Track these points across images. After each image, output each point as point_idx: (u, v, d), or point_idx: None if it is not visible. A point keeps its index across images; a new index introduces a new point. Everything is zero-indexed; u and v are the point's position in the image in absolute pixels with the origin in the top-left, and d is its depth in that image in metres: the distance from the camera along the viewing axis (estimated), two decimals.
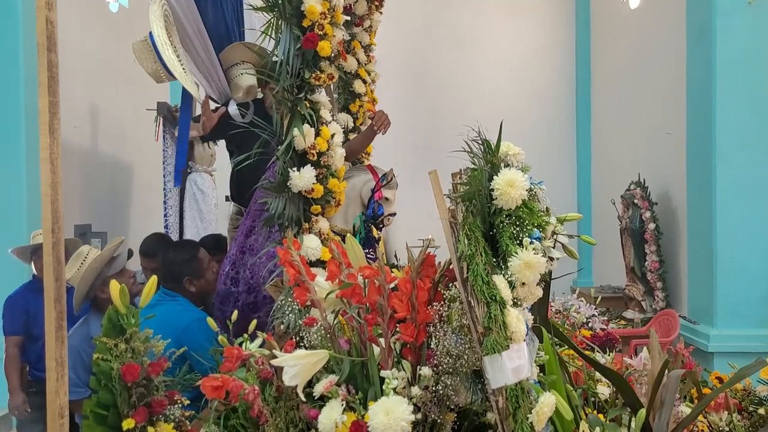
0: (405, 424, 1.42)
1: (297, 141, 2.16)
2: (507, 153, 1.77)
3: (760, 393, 4.31)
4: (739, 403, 4.27)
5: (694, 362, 3.95)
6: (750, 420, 4.08)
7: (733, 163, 4.99)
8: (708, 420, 3.04)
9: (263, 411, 1.60)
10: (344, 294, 1.65)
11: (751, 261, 4.98)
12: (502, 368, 1.40)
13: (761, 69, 4.99)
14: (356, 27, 3.06)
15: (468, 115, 7.91)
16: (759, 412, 4.13)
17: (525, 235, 1.57)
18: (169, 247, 3.02)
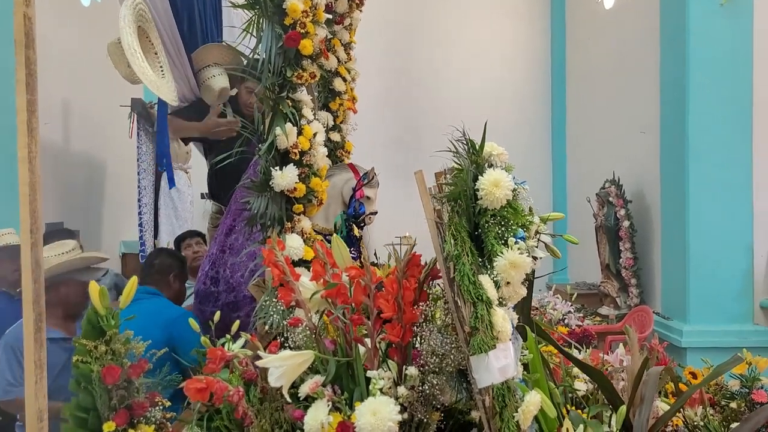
0: (392, 424, 1.42)
1: (279, 140, 2.14)
2: (491, 153, 1.78)
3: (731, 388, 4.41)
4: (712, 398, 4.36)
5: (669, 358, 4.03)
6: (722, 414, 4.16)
7: (706, 162, 5.08)
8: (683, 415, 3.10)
9: (248, 412, 1.59)
10: (329, 294, 1.65)
11: (723, 258, 5.07)
12: (488, 368, 1.40)
13: (734, 69, 5.08)
14: (337, 25, 3.04)
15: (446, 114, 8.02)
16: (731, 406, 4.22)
17: (510, 234, 1.58)
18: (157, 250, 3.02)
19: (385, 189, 3.59)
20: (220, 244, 2.76)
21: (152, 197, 5.55)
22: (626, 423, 1.88)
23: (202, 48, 3.11)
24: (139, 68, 2.74)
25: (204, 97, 3.09)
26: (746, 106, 5.09)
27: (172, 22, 2.81)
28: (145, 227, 5.41)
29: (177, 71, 2.99)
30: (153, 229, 5.57)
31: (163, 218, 5.73)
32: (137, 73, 2.76)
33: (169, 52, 2.87)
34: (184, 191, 5.74)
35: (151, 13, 2.74)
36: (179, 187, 5.76)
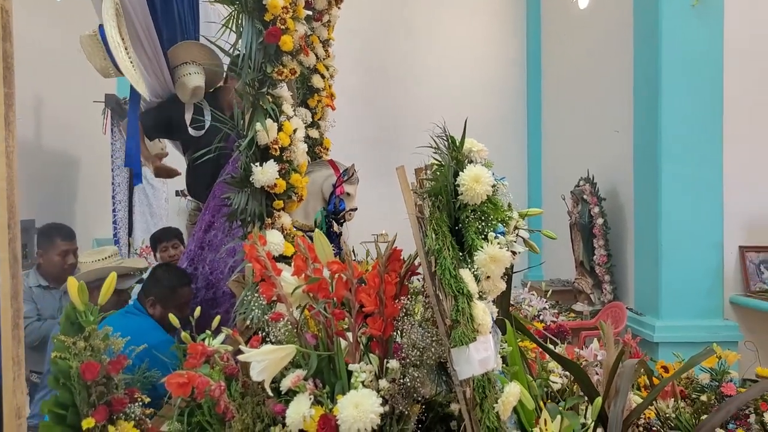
0: (374, 416, 1.44)
1: (259, 136, 2.14)
2: (471, 149, 1.80)
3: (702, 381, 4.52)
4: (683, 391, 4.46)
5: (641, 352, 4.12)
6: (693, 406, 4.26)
7: (677, 161, 5.18)
8: (656, 407, 3.17)
9: (229, 407, 1.59)
10: (311, 289, 1.66)
11: (694, 255, 5.18)
12: (469, 360, 1.43)
13: (706, 70, 5.18)
14: (315, 22, 3.04)
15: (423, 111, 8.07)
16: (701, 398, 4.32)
17: (490, 229, 1.60)
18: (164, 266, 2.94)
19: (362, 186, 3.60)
20: (198, 241, 2.75)
21: (127, 194, 5.50)
22: (602, 414, 1.92)
23: (179, 45, 3.09)
24: (122, 61, 2.71)
25: (178, 93, 3.07)
26: (717, 106, 5.20)
27: (147, 16, 2.79)
28: (119, 224, 5.36)
29: (151, 66, 2.97)
30: (127, 227, 5.52)
31: (137, 215, 5.68)
32: (120, 66, 2.74)
33: (144, 47, 2.84)
34: (159, 188, 5.69)
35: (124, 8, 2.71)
36: (154, 184, 5.72)
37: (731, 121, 5.23)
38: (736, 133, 5.26)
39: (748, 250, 5.43)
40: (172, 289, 2.57)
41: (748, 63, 5.37)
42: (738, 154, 5.26)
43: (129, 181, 5.52)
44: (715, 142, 5.20)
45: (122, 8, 2.69)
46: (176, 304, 2.52)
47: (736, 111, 5.26)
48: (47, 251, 3.37)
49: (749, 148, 5.36)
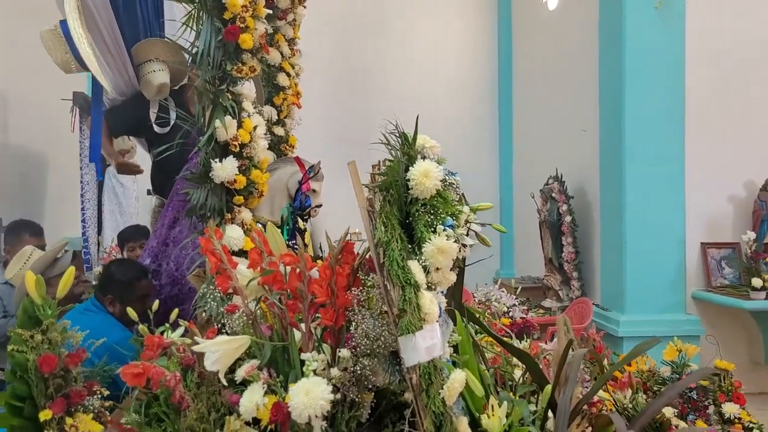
0: (324, 403, 1.48)
1: (219, 132, 2.17)
2: (424, 146, 1.85)
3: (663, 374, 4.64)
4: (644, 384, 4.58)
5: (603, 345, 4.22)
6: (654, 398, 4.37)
7: (641, 160, 5.31)
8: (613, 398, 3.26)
9: (185, 397, 1.62)
10: (266, 281, 1.70)
11: (657, 252, 5.31)
12: (415, 347, 1.48)
13: (668, 71, 5.32)
14: (279, 20, 3.08)
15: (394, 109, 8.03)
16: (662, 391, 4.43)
17: (439, 222, 1.65)
18: (116, 261, 2.92)
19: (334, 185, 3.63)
20: (162, 237, 2.77)
21: (96, 193, 5.46)
22: (552, 402, 1.98)
23: (143, 42, 3.10)
24: (85, 53, 2.72)
25: (143, 91, 3.09)
26: (679, 107, 5.34)
27: (110, 14, 2.80)
28: (88, 223, 5.32)
29: (115, 63, 2.98)
30: (97, 226, 5.49)
31: (107, 214, 5.65)
32: (84, 58, 2.75)
33: (107, 44, 2.86)
34: (129, 187, 5.67)
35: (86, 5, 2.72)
36: (124, 182, 5.69)
37: (693, 121, 5.37)
38: (698, 132, 5.41)
39: (709, 247, 5.58)
40: (130, 283, 2.56)
41: (709, 64, 5.52)
42: (699, 153, 5.41)
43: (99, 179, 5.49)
44: (678, 141, 5.35)
45: (84, 5, 2.70)
46: (137, 298, 2.53)
47: (697, 111, 5.41)
48: (14, 248, 3.35)
49: (710, 148, 5.51)
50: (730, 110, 5.59)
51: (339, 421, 1.60)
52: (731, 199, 5.69)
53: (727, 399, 4.64)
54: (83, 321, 2.31)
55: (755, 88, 5.62)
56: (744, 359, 5.56)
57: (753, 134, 5.60)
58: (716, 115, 5.57)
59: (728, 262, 5.57)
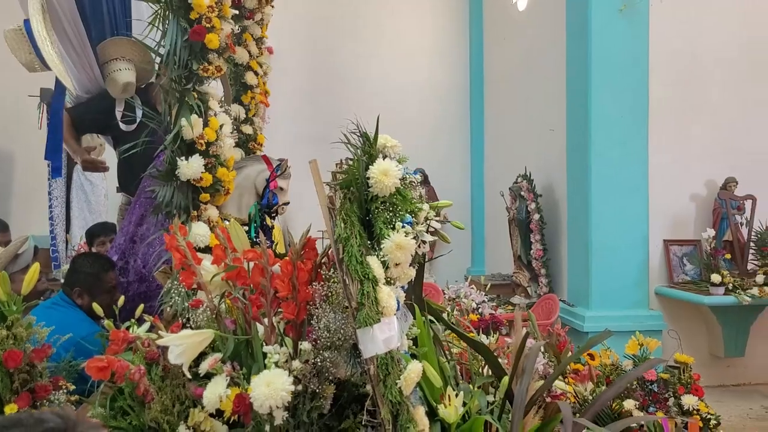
0: (285, 394, 1.54)
1: (184, 131, 2.20)
2: (385, 145, 1.91)
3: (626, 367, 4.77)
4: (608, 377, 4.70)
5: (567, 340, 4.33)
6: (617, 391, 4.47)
7: (606, 160, 5.42)
8: (575, 390, 3.36)
9: (149, 390, 1.66)
10: (230, 276, 1.74)
11: (621, 249, 5.43)
12: (373, 339, 1.54)
13: (632, 72, 5.44)
14: (247, 20, 3.11)
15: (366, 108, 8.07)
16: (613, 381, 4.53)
17: (398, 219, 1.72)
18: (82, 255, 2.92)
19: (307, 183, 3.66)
20: (129, 234, 2.78)
21: (64, 190, 5.44)
22: (509, 392, 2.06)
23: (108, 41, 3.11)
24: (48, 55, 2.72)
25: (109, 89, 3.10)
26: (643, 107, 5.46)
27: (74, 12, 2.80)
28: (56, 221, 5.30)
29: (80, 61, 2.98)
30: (65, 223, 5.46)
31: (75, 212, 5.62)
32: (47, 59, 2.75)
33: (71, 42, 2.86)
34: (98, 184, 5.64)
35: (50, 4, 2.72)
36: (92, 180, 5.66)
37: (656, 122, 5.50)
38: (661, 133, 5.56)
39: (671, 244, 5.74)
40: (96, 276, 2.58)
41: (671, 65, 5.67)
42: (662, 152, 5.55)
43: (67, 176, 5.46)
44: (641, 141, 5.47)
45: (48, 3, 2.70)
46: (104, 290, 2.55)
47: (660, 112, 5.55)
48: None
49: (673, 147, 5.66)
50: (692, 111, 5.76)
51: (300, 411, 1.65)
52: (693, 197, 5.85)
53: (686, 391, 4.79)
54: (51, 315, 2.33)
55: (716, 89, 5.79)
56: (704, 353, 5.73)
57: (714, 134, 5.77)
58: (678, 115, 5.73)
59: (690, 258, 5.73)
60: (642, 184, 5.48)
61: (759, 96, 5.81)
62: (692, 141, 5.73)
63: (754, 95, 5.81)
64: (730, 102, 5.80)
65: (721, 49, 5.79)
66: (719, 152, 5.75)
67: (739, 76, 5.83)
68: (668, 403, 4.61)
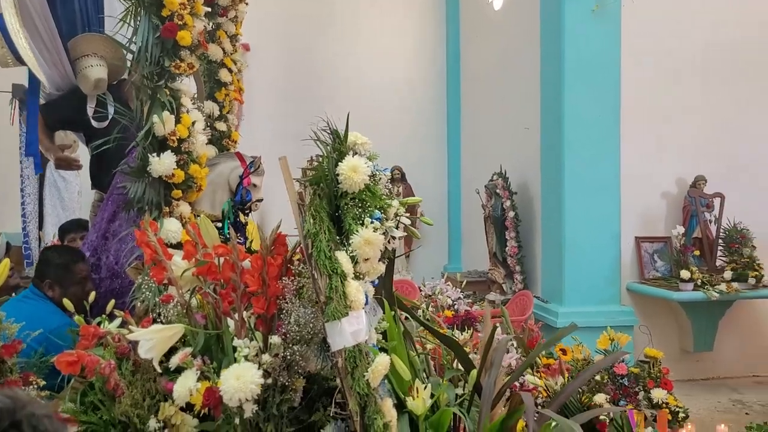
0: (254, 387, 1.56)
1: (156, 127, 2.21)
2: (355, 142, 1.94)
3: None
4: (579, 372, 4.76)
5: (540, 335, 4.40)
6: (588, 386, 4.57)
7: (579, 158, 5.50)
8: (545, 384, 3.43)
9: (119, 384, 1.67)
10: (200, 272, 1.76)
11: (594, 246, 5.52)
12: (341, 332, 1.57)
13: (604, 71, 5.53)
14: (220, 17, 3.12)
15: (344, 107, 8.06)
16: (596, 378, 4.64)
17: (367, 215, 1.75)
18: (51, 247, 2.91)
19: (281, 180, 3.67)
20: (101, 231, 2.78)
21: (37, 187, 5.39)
22: (477, 385, 2.10)
23: (80, 37, 3.09)
24: (22, 48, 2.71)
25: (80, 86, 3.08)
26: (615, 106, 5.55)
27: (45, 7, 2.78)
28: (28, 218, 5.25)
29: (51, 58, 2.97)
30: (38, 221, 5.41)
31: (48, 209, 5.57)
32: (20, 52, 2.73)
33: (42, 38, 2.84)
34: (72, 181, 5.59)
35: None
36: (66, 177, 5.61)
37: (628, 121, 5.59)
38: (633, 131, 5.64)
39: (643, 241, 5.84)
40: (66, 267, 2.58)
41: (643, 66, 5.77)
42: (633, 150, 5.64)
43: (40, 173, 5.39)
44: (613, 140, 5.56)
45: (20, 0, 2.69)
46: (75, 281, 2.55)
47: (632, 111, 5.64)
48: None
49: (644, 146, 5.77)
50: (663, 109, 5.86)
51: (270, 404, 1.67)
52: (664, 195, 5.97)
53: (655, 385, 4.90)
54: (22, 308, 2.32)
55: (686, 88, 5.90)
56: (675, 348, 5.84)
57: (684, 133, 5.88)
58: (650, 114, 5.83)
59: (660, 255, 5.84)
60: (614, 182, 5.57)
61: (729, 96, 5.94)
62: (663, 140, 5.84)
63: (724, 95, 5.94)
64: (701, 101, 5.92)
65: (691, 49, 5.91)
66: (689, 151, 5.87)
67: (709, 76, 5.95)
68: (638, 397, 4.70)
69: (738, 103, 5.94)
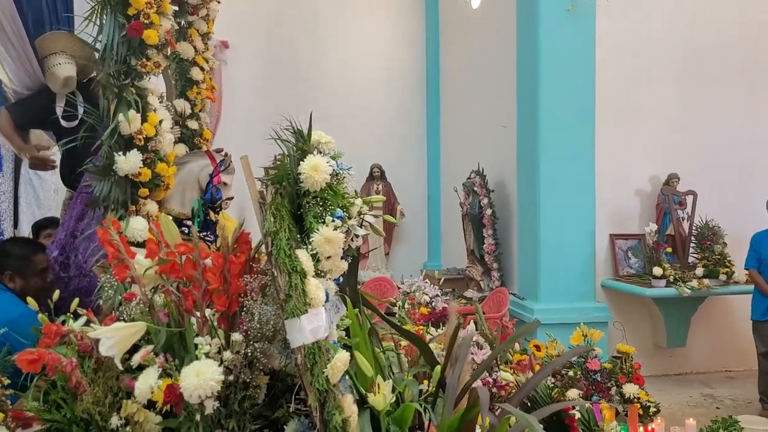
0: (214, 384, 1.58)
1: (122, 126, 2.21)
2: (319, 141, 1.96)
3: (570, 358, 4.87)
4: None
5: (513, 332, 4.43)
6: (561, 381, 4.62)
7: (554, 156, 5.56)
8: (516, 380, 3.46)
9: (81, 382, 1.68)
10: (163, 270, 1.77)
11: (569, 243, 5.59)
12: (300, 329, 1.59)
13: (579, 70, 5.59)
14: (191, 15, 3.11)
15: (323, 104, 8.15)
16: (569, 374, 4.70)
17: (328, 214, 1.77)
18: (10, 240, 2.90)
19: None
20: (70, 229, 2.77)
21: (12, 185, 5.33)
22: (442, 381, 2.13)
23: (48, 35, 3.07)
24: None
25: (49, 84, 3.07)
26: (590, 105, 5.62)
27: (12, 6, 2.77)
28: (3, 216, 5.19)
29: (18, 57, 2.95)
30: (13, 219, 5.36)
31: (23, 207, 5.52)
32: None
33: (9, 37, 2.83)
34: (47, 179, 5.54)
35: None
36: (42, 175, 5.56)
37: (602, 119, 5.66)
38: (607, 129, 5.72)
39: (617, 238, 5.92)
40: (26, 258, 2.60)
41: (617, 65, 5.84)
42: (608, 148, 5.72)
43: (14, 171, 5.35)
44: (588, 138, 5.62)
45: None
46: (35, 272, 2.55)
47: (606, 109, 5.72)
48: None
49: (618, 144, 5.85)
50: (637, 108, 5.95)
51: (232, 401, 1.69)
52: (638, 193, 6.05)
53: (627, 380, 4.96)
54: None
55: (660, 88, 5.99)
56: (648, 343, 5.93)
57: (658, 131, 5.97)
58: (624, 113, 5.91)
59: (634, 252, 5.92)
60: (589, 180, 5.64)
61: (701, 95, 6.04)
62: (637, 138, 5.93)
63: (697, 94, 6.04)
64: (674, 100, 6.02)
65: (665, 49, 5.99)
66: (663, 149, 5.96)
67: (683, 75, 6.04)
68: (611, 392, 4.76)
69: (711, 103, 6.05)
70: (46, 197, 5.63)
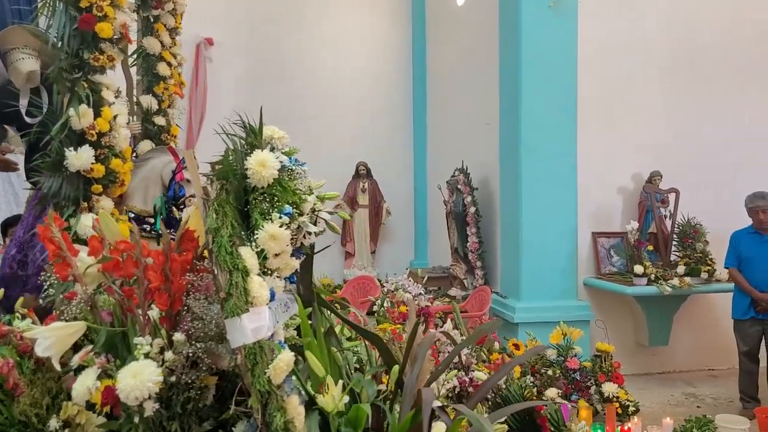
0: (152, 385, 1.53)
1: (73, 121, 2.17)
2: (272, 137, 1.91)
3: (549, 357, 4.87)
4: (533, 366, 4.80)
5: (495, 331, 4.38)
6: (541, 380, 4.59)
7: (536, 154, 5.53)
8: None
9: (19, 383, 1.64)
10: (105, 268, 1.72)
11: (551, 241, 5.55)
12: (241, 329, 1.55)
13: (561, 67, 5.55)
14: (155, 9, 3.06)
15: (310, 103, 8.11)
16: (548, 373, 4.67)
17: (275, 210, 1.73)
18: None
19: None
20: (28, 227, 2.71)
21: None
22: (400, 381, 2.09)
23: (9, 29, 3.00)
24: None
25: (12, 79, 3.01)
26: (572, 103, 5.59)
27: None
28: None
29: None
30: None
31: (2, 204, 5.47)
32: None
33: None
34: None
35: None
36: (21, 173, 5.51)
37: (585, 117, 5.63)
38: (590, 128, 5.69)
39: (599, 236, 5.89)
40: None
41: (599, 62, 5.81)
42: (590, 146, 5.69)
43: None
44: (570, 136, 5.59)
45: None
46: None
47: (589, 107, 5.68)
48: None
49: (601, 142, 5.82)
50: (619, 106, 5.93)
51: (174, 402, 1.65)
52: (620, 190, 6.03)
53: (607, 379, 4.93)
54: None
55: (642, 85, 5.96)
56: (631, 342, 5.91)
57: (640, 129, 5.94)
58: (606, 111, 5.88)
59: (616, 250, 5.90)
60: (571, 178, 5.60)
61: (683, 92, 6.01)
62: (619, 136, 5.90)
63: (679, 91, 6.01)
64: (656, 98, 5.99)
65: (647, 46, 5.97)
66: (645, 147, 5.94)
67: (664, 73, 6.02)
68: (590, 391, 4.74)
69: (693, 101, 6.02)
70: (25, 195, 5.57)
